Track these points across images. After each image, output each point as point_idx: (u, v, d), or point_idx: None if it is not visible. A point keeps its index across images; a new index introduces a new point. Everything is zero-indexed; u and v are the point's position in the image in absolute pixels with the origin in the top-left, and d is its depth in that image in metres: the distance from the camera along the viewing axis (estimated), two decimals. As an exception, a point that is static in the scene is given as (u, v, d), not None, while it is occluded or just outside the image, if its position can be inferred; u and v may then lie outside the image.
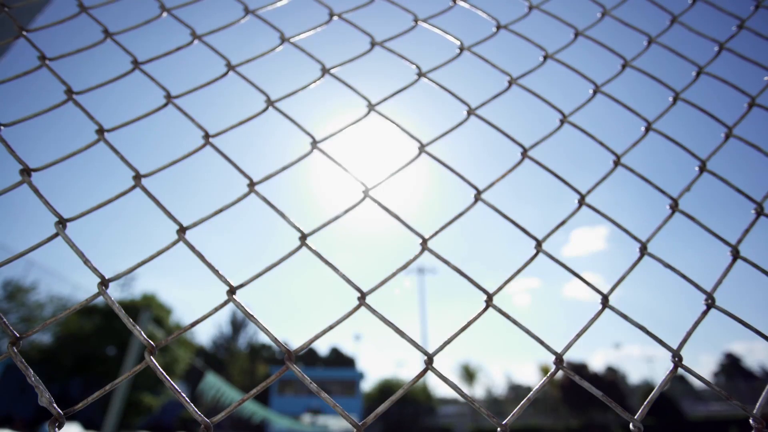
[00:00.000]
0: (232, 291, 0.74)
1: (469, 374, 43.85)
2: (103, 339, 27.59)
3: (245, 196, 0.85)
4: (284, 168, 0.88)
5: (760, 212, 1.04)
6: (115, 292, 36.99)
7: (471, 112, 0.95)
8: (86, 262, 0.76)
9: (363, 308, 0.74)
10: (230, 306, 0.77)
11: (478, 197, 0.82)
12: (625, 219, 0.97)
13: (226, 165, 0.91)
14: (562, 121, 0.98)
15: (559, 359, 0.72)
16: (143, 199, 0.88)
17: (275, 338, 0.69)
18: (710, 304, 0.84)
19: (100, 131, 0.91)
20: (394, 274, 0.73)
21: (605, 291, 0.82)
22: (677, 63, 1.29)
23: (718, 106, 1.24)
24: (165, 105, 0.97)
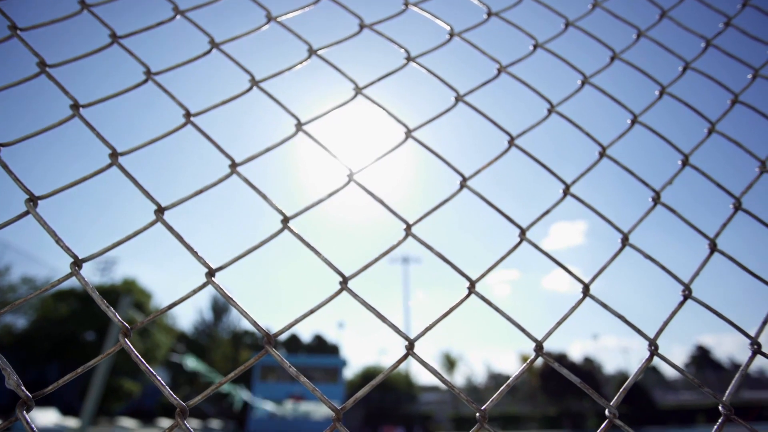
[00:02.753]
0: (211, 273, 0.73)
1: (450, 363, 44.54)
2: (80, 323, 27.16)
3: (226, 177, 0.83)
4: (267, 149, 0.86)
5: (738, 207, 1.06)
6: (94, 277, 36.30)
7: (459, 98, 0.94)
8: (58, 241, 0.73)
9: (345, 293, 0.73)
10: (212, 291, 0.76)
11: (463, 184, 0.82)
12: (608, 212, 0.98)
13: (208, 145, 0.88)
14: (549, 111, 0.98)
15: (539, 346, 0.72)
16: (120, 178, 0.85)
17: (255, 321, 0.68)
18: (687, 295, 0.86)
19: (75, 106, 0.87)
20: (377, 259, 0.72)
21: (585, 283, 0.83)
22: (665, 57, 1.30)
23: (703, 102, 1.26)
24: (144, 81, 0.94)
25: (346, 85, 0.95)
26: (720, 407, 0.81)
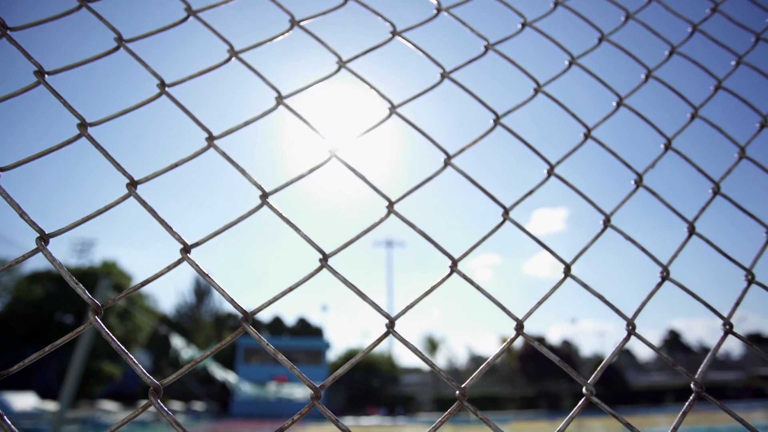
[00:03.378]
0: (186, 249, 0.70)
1: (432, 345, 45.33)
2: (58, 305, 26.67)
3: (203, 150, 0.80)
4: (246, 123, 0.83)
5: (716, 192, 1.08)
6: (71, 258, 35.50)
7: (445, 75, 0.92)
8: (23, 215, 0.70)
9: (325, 271, 0.71)
10: (194, 274, 0.74)
11: (447, 162, 0.80)
12: (590, 196, 0.98)
13: (184, 118, 0.85)
14: (536, 90, 0.97)
15: (519, 325, 0.73)
16: (91, 150, 0.81)
17: (232, 299, 0.66)
18: (665, 276, 0.87)
19: (40, 73, 0.82)
20: (358, 236, 0.71)
21: (566, 263, 0.83)
22: (652, 41, 1.29)
23: (688, 87, 1.26)
24: (116, 49, 0.89)
25: (330, 59, 0.92)
26: (692, 385, 0.83)
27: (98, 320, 0.66)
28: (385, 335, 0.66)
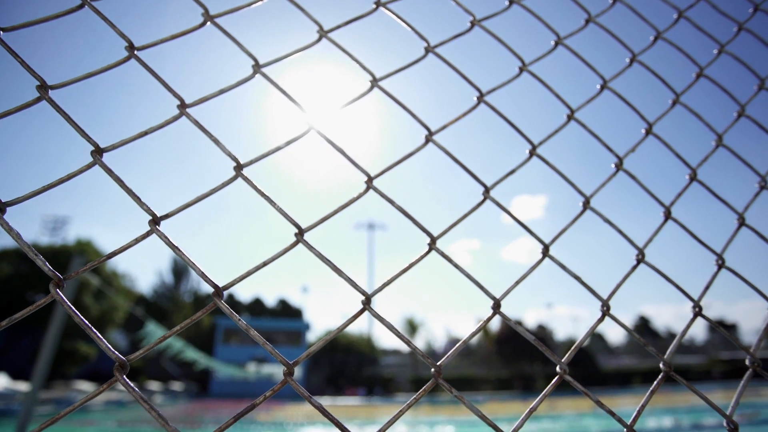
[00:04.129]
0: (155, 221, 0.67)
1: (412, 327, 46.03)
2: (29, 284, 25.93)
3: (175, 119, 0.76)
4: (221, 91, 0.79)
5: (693, 177, 1.09)
6: (44, 236, 34.44)
7: (429, 49, 0.89)
8: (-23, 180, 0.65)
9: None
10: (171, 254, 0.70)
11: (429, 138, 0.78)
12: (571, 179, 0.98)
13: (155, 83, 0.80)
14: (521, 69, 0.95)
15: (497, 304, 0.72)
16: (55, 117, 0.76)
17: (202, 272, 0.64)
18: (640, 259, 0.88)
19: (-4, 29, 0.76)
20: (336, 212, 0.69)
21: (545, 243, 0.83)
22: (638, 25, 1.29)
23: (671, 74, 1.26)
24: (80, 6, 0.83)
25: (311, 28, 0.88)
26: (661, 365, 0.85)
27: (59, 293, 0.62)
28: (361, 312, 0.65)
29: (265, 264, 0.66)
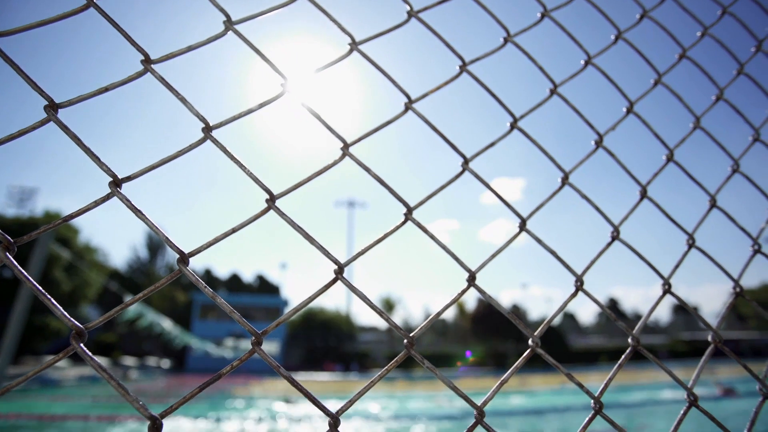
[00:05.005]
0: (116, 183, 0.63)
1: (389, 306, 46.70)
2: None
3: (139, 75, 0.71)
4: (190, 48, 0.74)
5: (670, 158, 1.10)
6: (9, 208, 33.13)
7: (412, 14, 0.85)
8: None
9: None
10: (146, 229, 0.66)
11: (408, 106, 0.76)
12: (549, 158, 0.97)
13: (117, 36, 0.74)
14: (505, 40, 0.93)
15: (472, 277, 0.72)
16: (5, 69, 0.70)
17: (167, 238, 0.60)
18: (615, 236, 0.89)
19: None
20: (309, 179, 0.66)
21: (523, 217, 0.83)
22: (626, 2, 1.27)
23: (655, 53, 1.26)
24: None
25: (287, -15, 0.83)
26: (629, 339, 0.87)
27: (9, 257, 0.58)
28: (333, 281, 0.63)
29: (234, 231, 0.63)
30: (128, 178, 0.64)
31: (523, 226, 0.79)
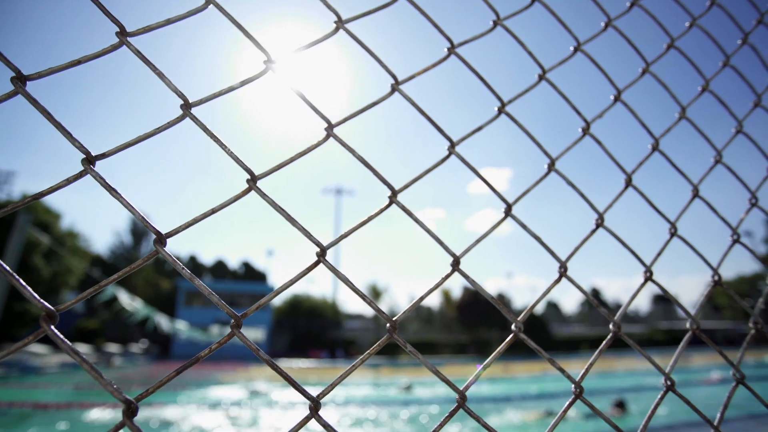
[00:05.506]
0: (89, 160, 0.60)
1: (375, 294, 46.97)
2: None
3: (114, 48, 0.68)
4: (168, 21, 0.71)
5: (655, 147, 1.11)
6: (-15, 191, 32.23)
7: (401, -7, 0.83)
8: None
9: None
10: (129, 216, 0.63)
11: (395, 87, 0.74)
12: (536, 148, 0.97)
13: (93, 8, 0.71)
14: (495, 23, 0.91)
15: (456, 261, 0.71)
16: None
17: (143, 218, 0.58)
18: (599, 223, 0.89)
19: None
20: (292, 159, 0.64)
21: (508, 203, 0.82)
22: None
23: (644, 43, 1.26)
24: None
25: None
26: (611, 326, 0.88)
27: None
28: (316, 264, 0.62)
29: (213, 211, 0.61)
30: (102, 156, 0.62)
31: (508, 212, 0.79)
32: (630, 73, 1.22)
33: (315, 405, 0.58)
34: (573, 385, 0.79)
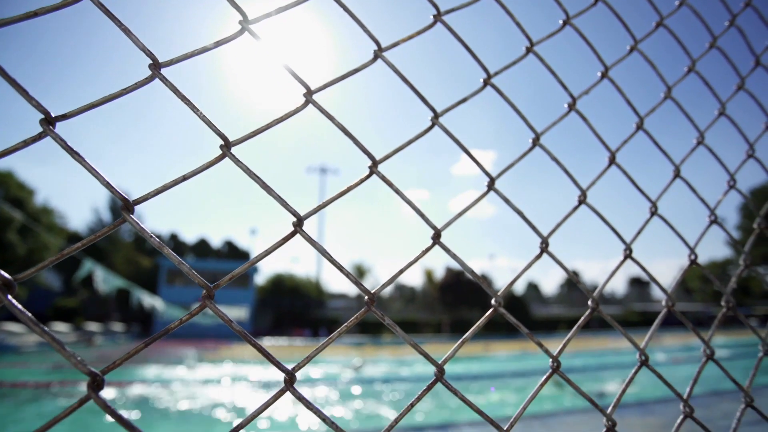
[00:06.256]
0: (48, 121, 0.56)
1: (360, 273, 47.27)
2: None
3: (75, 0, 0.63)
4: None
5: (639, 126, 1.10)
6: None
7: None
8: None
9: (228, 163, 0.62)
10: (108, 194, 0.60)
11: (378, 54, 0.71)
12: (523, 133, 0.95)
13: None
14: (484, -9, 0.88)
15: (437, 234, 0.70)
16: None
17: (108, 183, 0.55)
18: (582, 200, 0.89)
19: None
20: (269, 126, 0.61)
21: (492, 176, 0.81)
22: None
23: (633, 21, 1.24)
24: None
25: None
26: (589, 301, 0.88)
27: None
28: (292, 234, 0.60)
29: (185, 178, 0.58)
30: (63, 117, 0.58)
31: (491, 185, 0.78)
32: (618, 52, 1.21)
33: (290, 378, 0.56)
34: (550, 360, 0.80)
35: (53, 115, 0.57)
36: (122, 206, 0.56)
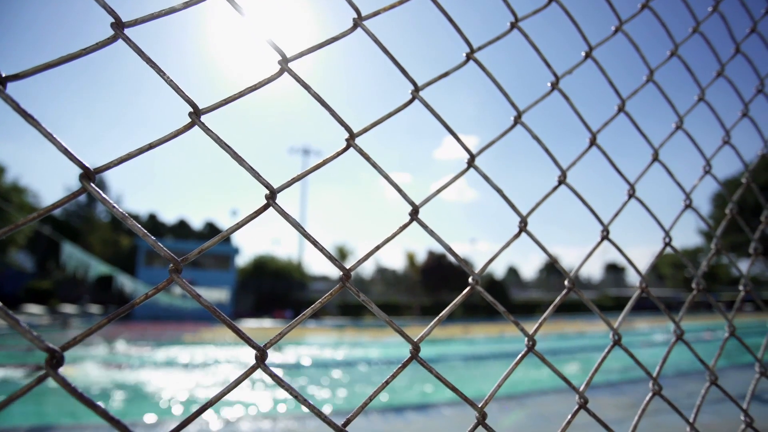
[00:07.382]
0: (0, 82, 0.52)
1: (342, 255, 47.34)
2: None
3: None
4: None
5: (621, 109, 1.10)
6: None
7: None
8: None
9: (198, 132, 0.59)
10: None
11: (357, 22, 0.68)
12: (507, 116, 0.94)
13: None
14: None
15: (415, 210, 0.69)
16: None
17: (65, 148, 0.52)
18: (561, 180, 0.89)
19: None
20: (242, 93, 0.58)
21: (472, 153, 0.80)
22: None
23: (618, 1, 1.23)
24: None
25: None
26: (566, 282, 0.89)
27: None
28: (265, 207, 0.57)
29: (151, 146, 0.55)
30: (15, 76, 0.53)
31: (471, 162, 0.76)
32: (602, 33, 1.20)
33: (261, 354, 0.55)
34: (526, 339, 0.80)
35: (3, 75, 0.53)
36: (82, 174, 0.52)
